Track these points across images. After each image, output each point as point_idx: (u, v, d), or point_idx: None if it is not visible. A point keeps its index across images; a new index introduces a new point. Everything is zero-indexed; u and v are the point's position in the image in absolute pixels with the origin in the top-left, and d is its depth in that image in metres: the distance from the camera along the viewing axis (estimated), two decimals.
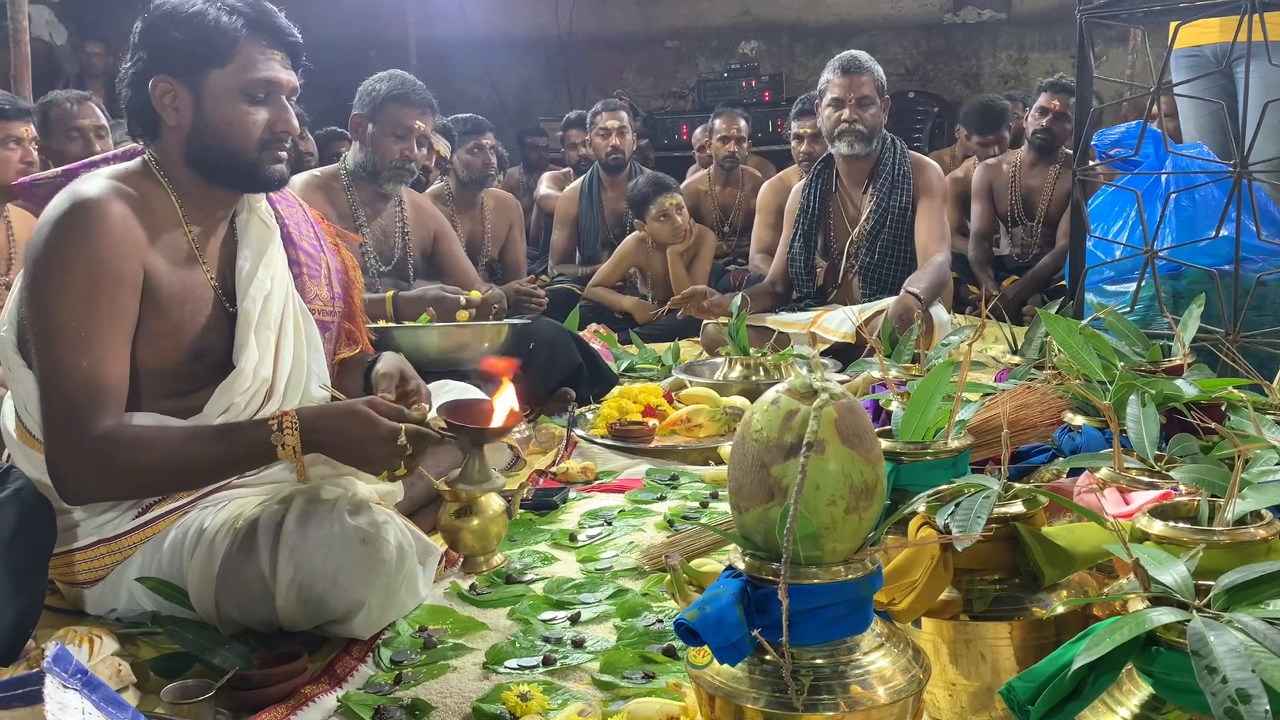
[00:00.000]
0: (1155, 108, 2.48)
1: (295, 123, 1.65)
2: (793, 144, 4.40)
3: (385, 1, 7.10)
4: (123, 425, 1.48)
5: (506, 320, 2.74)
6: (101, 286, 1.47)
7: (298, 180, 2.81)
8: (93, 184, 1.54)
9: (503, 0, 7.46)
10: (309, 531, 1.47)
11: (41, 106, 3.38)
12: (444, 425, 1.58)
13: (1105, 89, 5.64)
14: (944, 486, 1.35)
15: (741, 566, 1.09)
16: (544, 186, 5.62)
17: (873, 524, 1.08)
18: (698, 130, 5.57)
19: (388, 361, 1.83)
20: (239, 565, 1.50)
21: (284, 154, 1.64)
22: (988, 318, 4.08)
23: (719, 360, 3.14)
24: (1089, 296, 2.72)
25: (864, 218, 3.39)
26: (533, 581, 1.72)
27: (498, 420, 1.63)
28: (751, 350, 3.02)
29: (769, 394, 1.10)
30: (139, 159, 1.65)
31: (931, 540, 1.12)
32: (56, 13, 7.20)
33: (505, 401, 1.65)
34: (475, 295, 2.77)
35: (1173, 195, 2.56)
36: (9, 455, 1.63)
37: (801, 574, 1.05)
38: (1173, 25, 2.64)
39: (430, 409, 1.64)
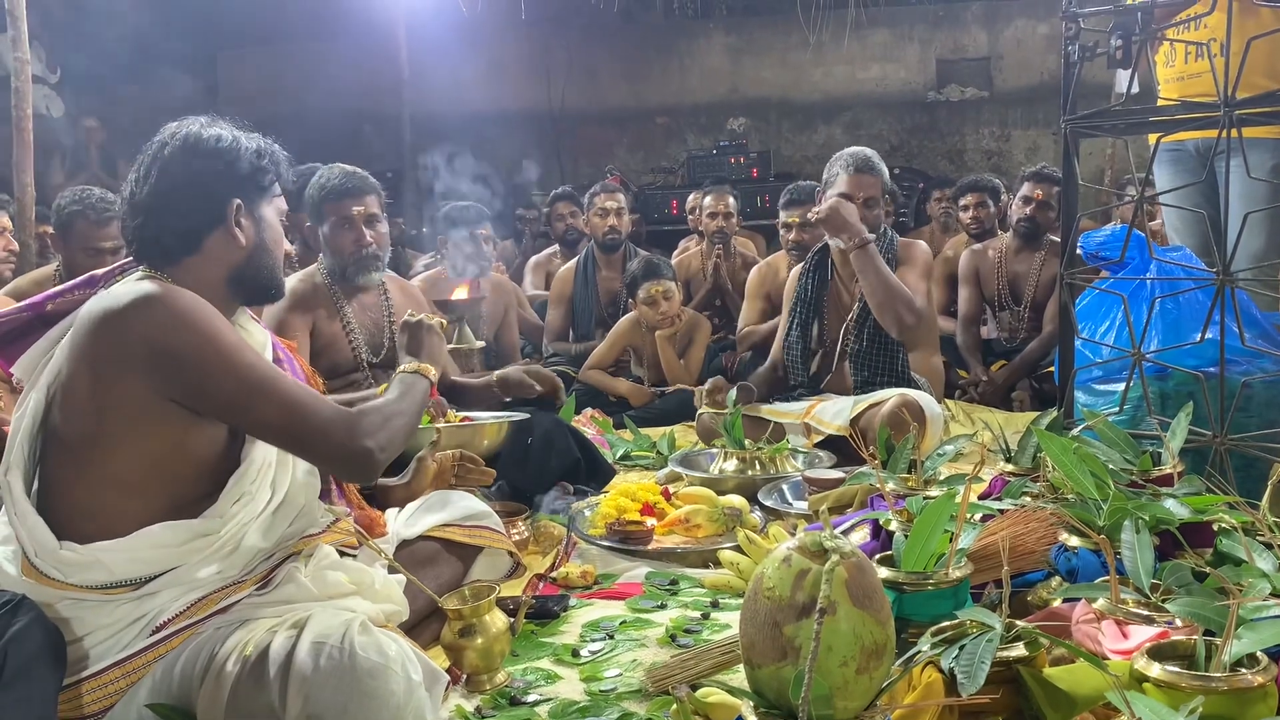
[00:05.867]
0: (1139, 214, 2.56)
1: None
2: (781, 232, 4.46)
3: (380, 77, 7.21)
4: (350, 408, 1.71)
5: (505, 416, 2.77)
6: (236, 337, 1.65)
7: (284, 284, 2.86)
8: (134, 285, 1.62)
9: (496, 75, 7.60)
10: (320, 664, 1.48)
11: (67, 216, 3.23)
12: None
13: (1087, 169, 5.76)
14: (947, 623, 1.37)
15: None
16: (529, 280, 5.64)
17: (883, 681, 1.11)
18: (690, 197, 5.68)
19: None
20: (249, 695, 1.51)
21: None
22: (977, 398, 4.14)
23: (714, 451, 3.17)
24: (1078, 395, 2.77)
25: (855, 306, 3.45)
26: (537, 703, 1.73)
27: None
28: (747, 443, 3.06)
29: (780, 550, 1.13)
30: (139, 274, 1.69)
31: (938, 702, 1.14)
32: (54, 86, 7.29)
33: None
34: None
35: (1158, 300, 2.62)
36: None
37: None
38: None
39: None
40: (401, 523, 2.13)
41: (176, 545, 1.61)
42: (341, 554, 1.87)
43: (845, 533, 1.90)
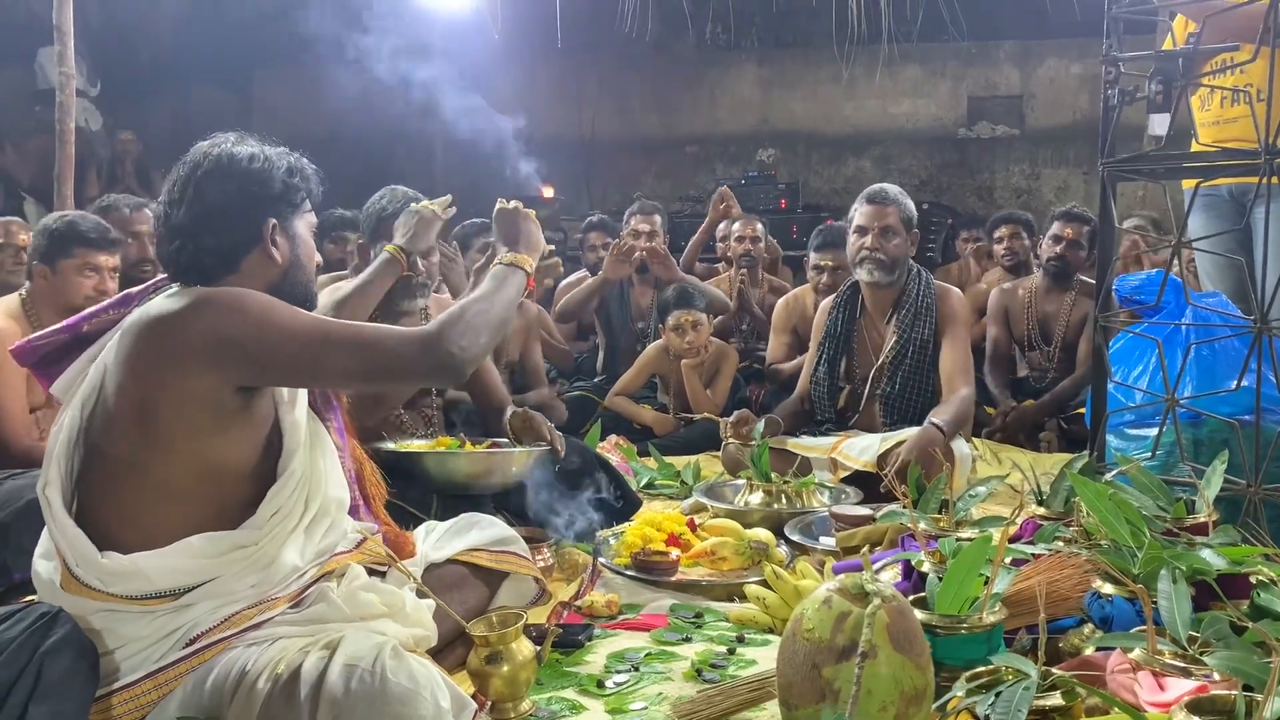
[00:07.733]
0: (1176, 260, 2.54)
1: None
2: (811, 274, 4.46)
3: (414, 101, 7.28)
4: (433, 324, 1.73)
5: (534, 447, 2.76)
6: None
7: (324, 298, 2.86)
8: (177, 296, 1.65)
9: (527, 102, 7.64)
10: (351, 687, 1.49)
11: (99, 210, 3.46)
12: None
13: (1119, 212, 5.74)
14: (982, 668, 1.36)
15: None
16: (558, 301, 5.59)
17: None
18: (720, 226, 5.67)
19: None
20: (279, 713, 1.52)
21: None
22: (1002, 429, 4.09)
23: (740, 483, 3.15)
24: (1110, 439, 2.75)
25: (887, 348, 3.42)
26: None
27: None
28: (773, 476, 3.05)
29: (820, 591, 1.13)
30: (175, 289, 1.71)
31: None
32: (92, 99, 7.39)
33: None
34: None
35: (1193, 345, 2.60)
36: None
37: None
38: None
39: None
40: (430, 546, 2.14)
41: (215, 556, 1.63)
42: (370, 573, 1.88)
43: (876, 572, 1.89)
